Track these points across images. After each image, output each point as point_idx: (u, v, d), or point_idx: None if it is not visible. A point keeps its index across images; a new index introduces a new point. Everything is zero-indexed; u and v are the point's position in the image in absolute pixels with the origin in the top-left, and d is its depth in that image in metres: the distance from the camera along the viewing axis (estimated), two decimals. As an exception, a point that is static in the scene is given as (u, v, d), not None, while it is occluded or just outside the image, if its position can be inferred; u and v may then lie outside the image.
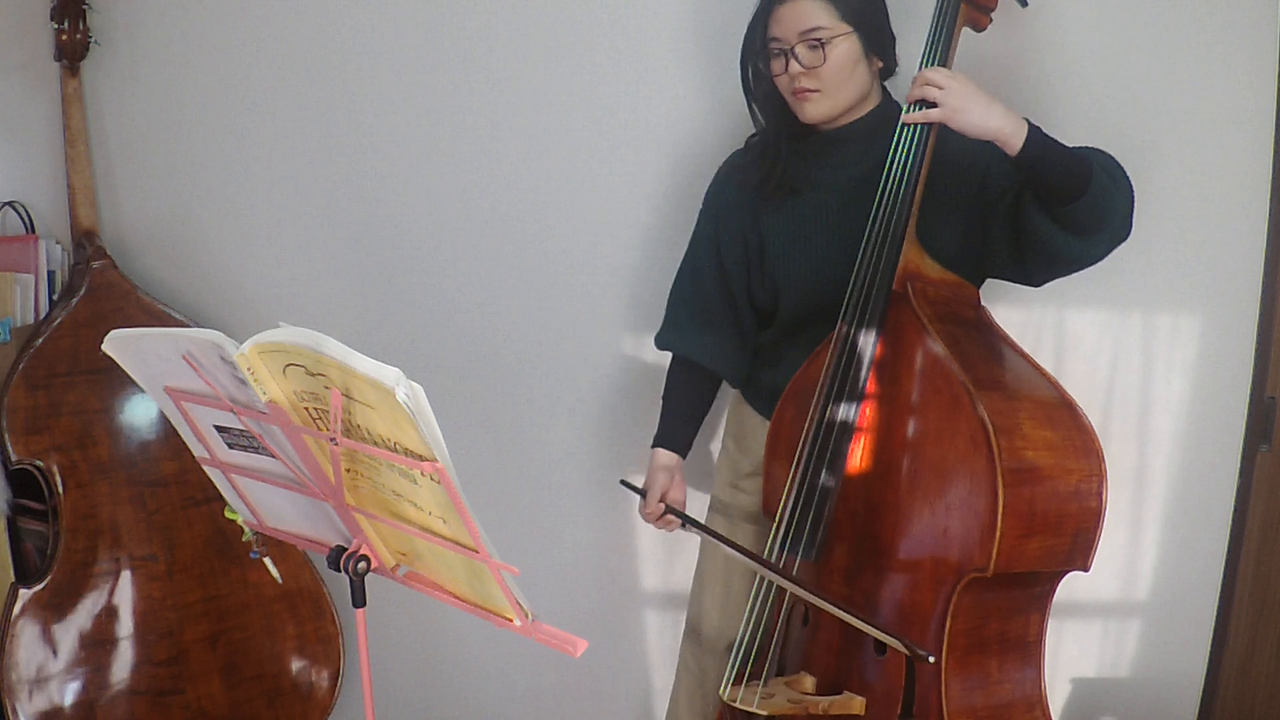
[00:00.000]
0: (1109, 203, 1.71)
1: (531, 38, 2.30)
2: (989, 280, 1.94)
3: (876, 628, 1.61)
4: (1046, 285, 2.18)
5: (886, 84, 1.94)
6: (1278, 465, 2.14)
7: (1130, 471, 2.20)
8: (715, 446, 2.34)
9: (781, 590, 1.83)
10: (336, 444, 1.35)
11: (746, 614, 1.86)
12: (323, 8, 2.36)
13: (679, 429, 2.06)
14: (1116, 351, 2.18)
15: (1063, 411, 1.74)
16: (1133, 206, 1.76)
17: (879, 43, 1.87)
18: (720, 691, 1.81)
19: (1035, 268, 1.82)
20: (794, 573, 1.79)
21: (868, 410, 1.77)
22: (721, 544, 1.78)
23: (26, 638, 2.21)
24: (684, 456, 2.05)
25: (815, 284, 1.93)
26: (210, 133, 2.44)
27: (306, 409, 1.36)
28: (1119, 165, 1.75)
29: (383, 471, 1.36)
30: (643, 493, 1.98)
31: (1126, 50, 2.08)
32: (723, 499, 2.14)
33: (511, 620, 1.37)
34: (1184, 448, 2.19)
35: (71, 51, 2.33)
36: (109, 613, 2.28)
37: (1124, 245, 2.15)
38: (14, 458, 2.24)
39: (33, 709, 2.20)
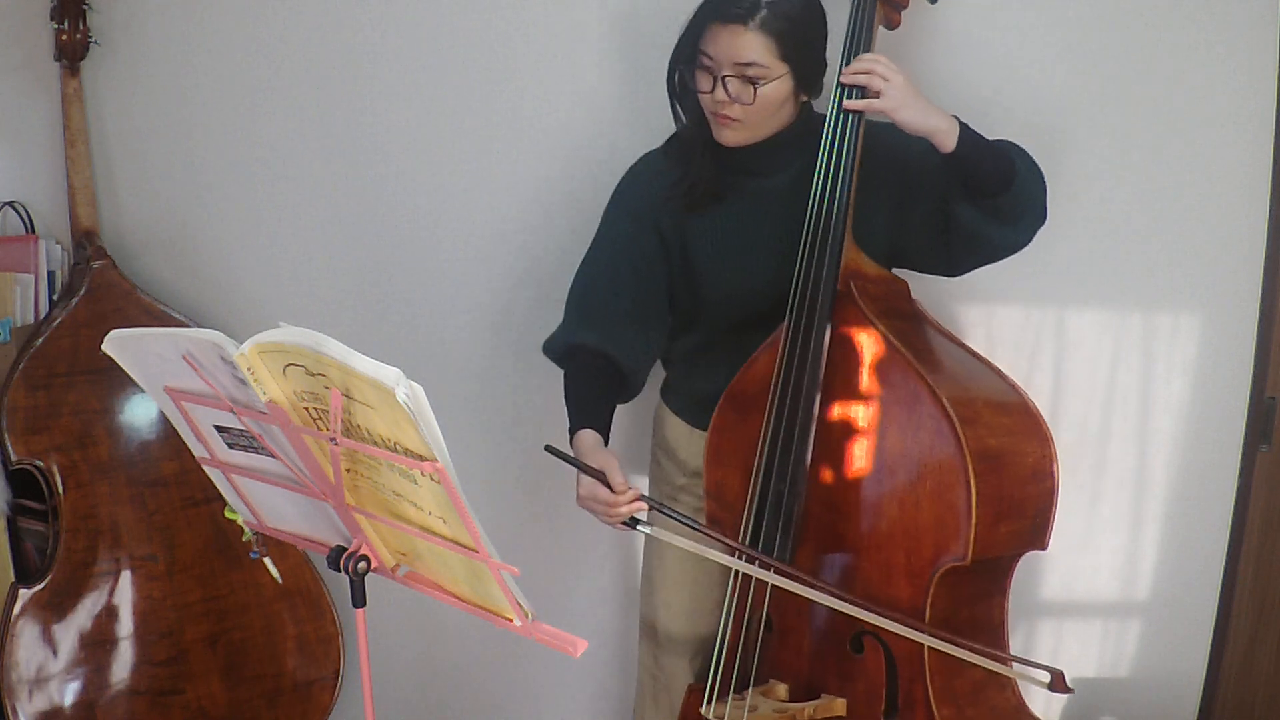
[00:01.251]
0: (1031, 192, 1.77)
1: (531, 37, 2.30)
2: (987, 280, 1.94)
3: (862, 607, 1.63)
4: (1044, 285, 2.19)
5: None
6: (1278, 465, 2.14)
7: (1130, 471, 2.20)
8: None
9: (757, 592, 1.81)
10: (336, 444, 1.35)
11: (723, 624, 1.83)
12: (323, 7, 2.36)
13: (597, 416, 1.85)
14: (1116, 351, 2.18)
15: (1011, 396, 1.77)
16: (1046, 193, 1.81)
17: (811, 80, 1.82)
18: (704, 711, 1.80)
19: (961, 257, 1.83)
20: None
21: (826, 411, 1.77)
22: (714, 549, 1.76)
23: (26, 638, 2.21)
24: (604, 436, 1.84)
25: (745, 290, 1.91)
26: (211, 133, 2.44)
27: (306, 409, 1.36)
28: (1029, 155, 1.79)
29: (383, 471, 1.36)
30: (584, 467, 1.74)
31: (1127, 52, 2.08)
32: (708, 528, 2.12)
33: (511, 620, 1.37)
34: (1184, 448, 2.19)
35: (71, 51, 2.33)
36: (109, 613, 2.28)
37: (1124, 245, 2.16)
38: (14, 458, 2.24)
39: (33, 709, 2.20)
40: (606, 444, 1.82)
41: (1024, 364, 2.20)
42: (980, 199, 1.73)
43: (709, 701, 1.80)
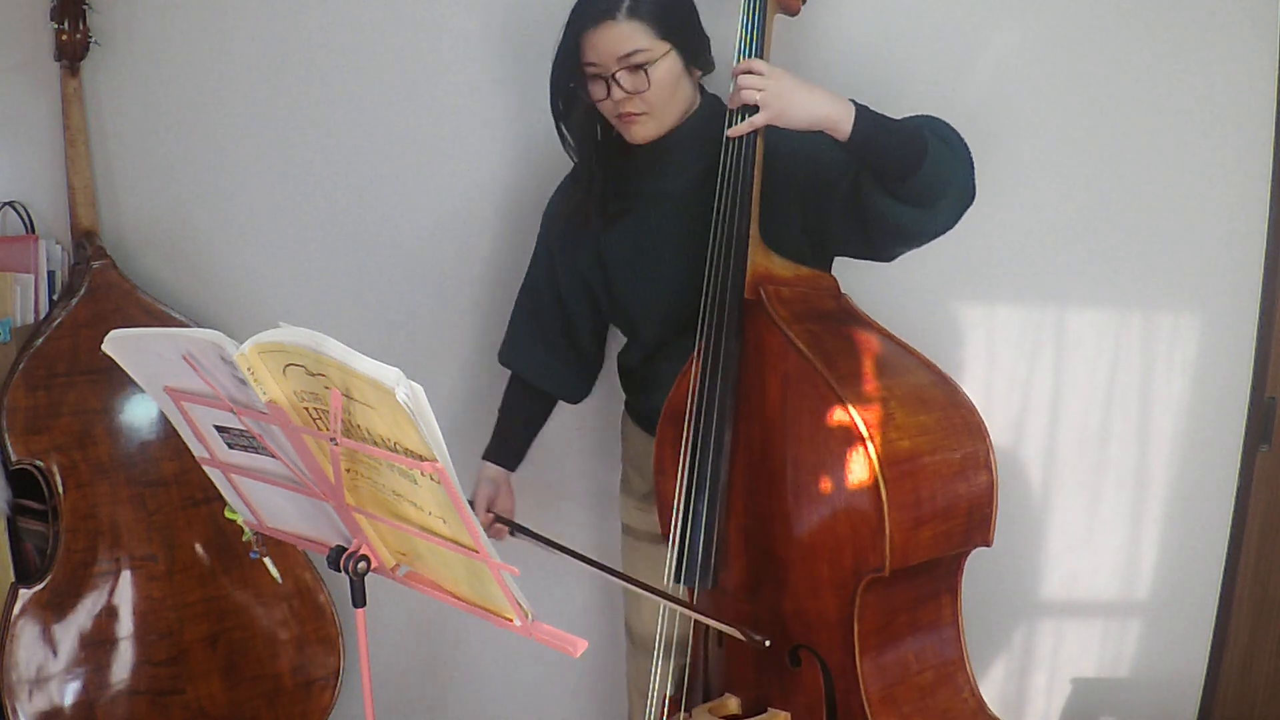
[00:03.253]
0: (947, 171, 1.66)
1: (531, 36, 2.30)
2: (987, 280, 1.94)
3: (720, 621, 1.61)
4: (1044, 285, 2.19)
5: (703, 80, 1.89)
6: (1278, 465, 2.14)
7: (1130, 471, 2.20)
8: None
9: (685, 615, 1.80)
10: (336, 444, 1.35)
11: (658, 634, 1.83)
12: (323, 8, 2.36)
13: (510, 445, 2.11)
14: (1116, 351, 2.18)
15: (935, 390, 1.69)
16: (972, 169, 1.70)
17: (697, 53, 1.82)
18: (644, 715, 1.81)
19: (882, 244, 1.76)
20: (694, 601, 1.77)
21: (744, 423, 1.73)
22: (559, 551, 1.82)
23: (26, 638, 2.21)
24: (513, 470, 2.11)
25: (666, 300, 1.89)
26: (210, 133, 2.44)
27: (306, 409, 1.36)
28: (952, 129, 1.70)
29: (383, 471, 1.36)
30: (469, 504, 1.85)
31: (1127, 52, 2.08)
32: (630, 523, 2.14)
33: (511, 620, 1.37)
34: (1184, 448, 2.19)
35: (71, 51, 2.33)
36: (109, 613, 2.28)
37: (1124, 245, 2.16)
38: (14, 458, 2.24)
39: (33, 709, 2.20)
40: (518, 463, 2.11)
41: (1024, 364, 2.21)
42: (889, 183, 1.65)
43: (651, 718, 1.80)
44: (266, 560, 1.74)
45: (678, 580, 1.76)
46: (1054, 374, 2.21)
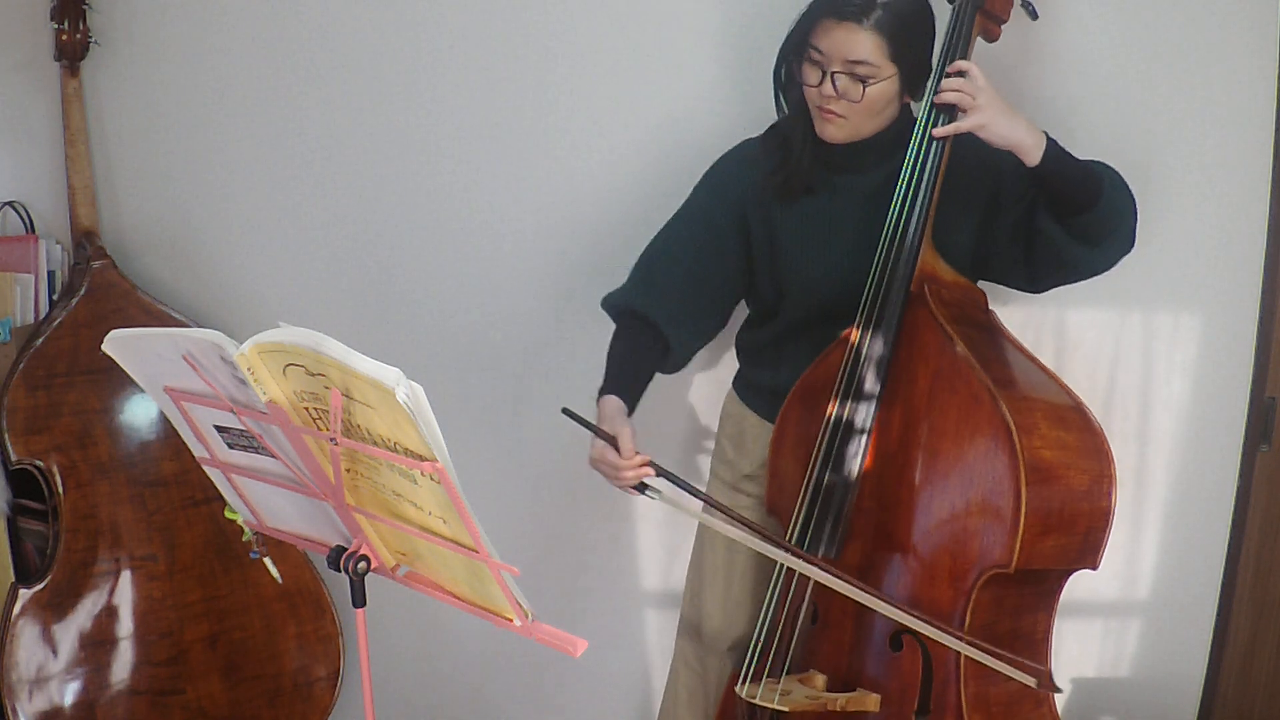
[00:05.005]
0: (1118, 215, 1.75)
1: (531, 36, 2.30)
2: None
3: (900, 609, 1.63)
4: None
5: None
6: (1278, 465, 2.14)
7: (1130, 471, 2.20)
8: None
9: (800, 583, 1.83)
10: (336, 444, 1.35)
11: (764, 608, 1.85)
12: (323, 8, 2.36)
13: (629, 382, 1.89)
14: (1116, 351, 2.18)
15: (1074, 413, 1.76)
16: (1136, 220, 1.79)
17: (917, 83, 1.83)
18: (738, 689, 1.81)
19: (1043, 274, 1.83)
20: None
21: (885, 409, 1.78)
22: (722, 521, 1.76)
23: (26, 638, 2.21)
24: (630, 412, 1.86)
25: (826, 286, 1.92)
26: (210, 133, 2.44)
27: (306, 409, 1.36)
28: (1124, 181, 1.78)
29: (383, 471, 1.36)
30: (598, 430, 1.77)
31: (1127, 51, 2.08)
32: (721, 502, 2.13)
33: (511, 620, 1.37)
34: (1184, 448, 2.19)
35: (71, 51, 2.33)
36: (109, 613, 2.28)
37: (1124, 246, 2.16)
38: (14, 458, 2.24)
39: (33, 709, 2.20)
40: (632, 412, 1.84)
41: (1024, 364, 2.21)
42: (1064, 216, 1.73)
43: (744, 681, 1.81)
44: (266, 560, 1.74)
45: (802, 548, 1.79)
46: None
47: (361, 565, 1.46)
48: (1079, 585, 2.27)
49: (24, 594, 2.21)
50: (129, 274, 2.41)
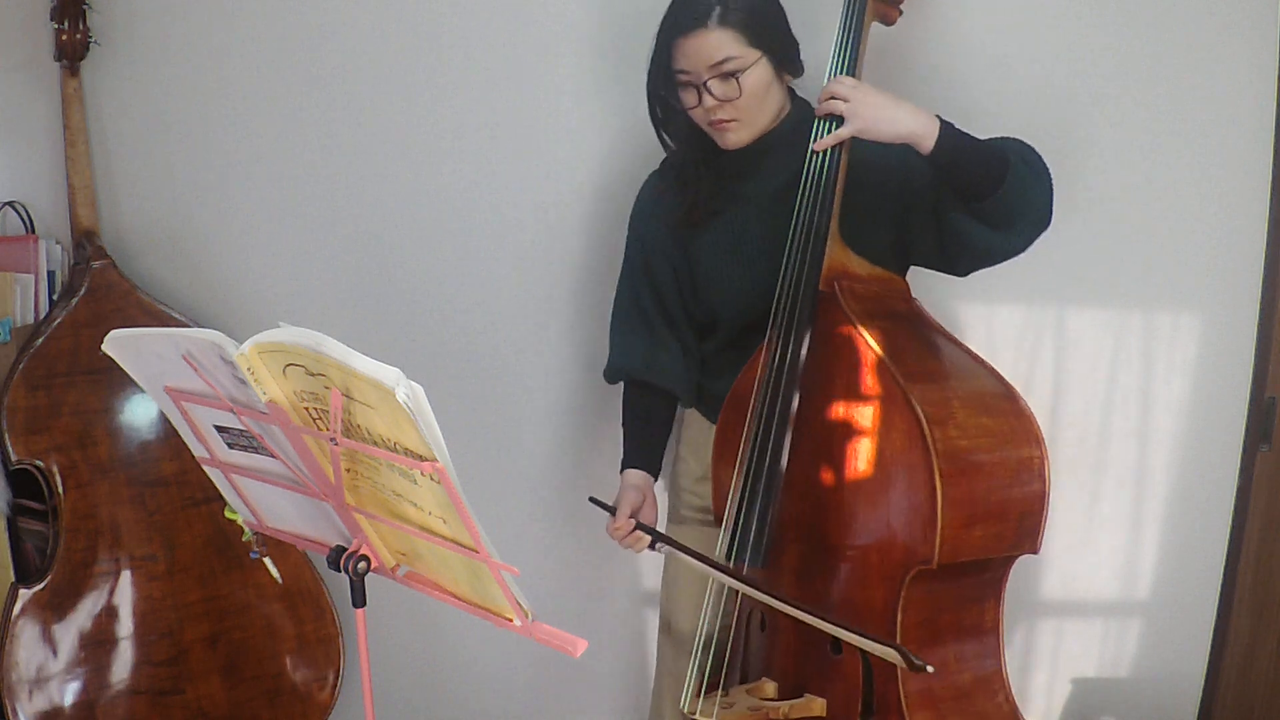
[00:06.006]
0: (1026, 194, 1.71)
1: (531, 36, 2.30)
2: (987, 280, 1.94)
3: (842, 627, 1.60)
4: (1044, 285, 2.19)
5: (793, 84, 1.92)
6: (1278, 465, 2.14)
7: (1130, 471, 2.20)
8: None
9: (740, 598, 1.82)
10: (336, 444, 1.35)
11: (701, 623, 1.85)
12: (323, 8, 2.36)
13: (646, 450, 2.04)
14: (1116, 351, 2.18)
15: (999, 399, 1.73)
16: (1051, 195, 1.75)
17: (787, 59, 1.85)
18: (681, 705, 1.81)
19: (956, 260, 1.82)
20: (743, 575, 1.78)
21: (805, 411, 1.77)
22: (693, 559, 1.77)
23: (26, 638, 2.21)
24: (655, 477, 2.03)
25: (749, 295, 1.92)
26: (210, 133, 2.44)
27: (306, 409, 1.36)
28: (1036, 154, 1.74)
29: (383, 471, 1.36)
30: (612, 510, 1.92)
31: (1127, 51, 2.08)
32: (677, 507, 2.16)
33: (511, 620, 1.37)
34: (1184, 448, 2.19)
35: (71, 51, 2.33)
36: (109, 613, 2.28)
37: (1124, 245, 2.16)
38: (14, 458, 2.24)
39: (33, 709, 2.20)
40: (658, 473, 2.02)
41: (1024, 364, 2.21)
42: (969, 201, 1.71)
43: (689, 696, 1.81)
44: (266, 560, 1.74)
45: (730, 556, 1.79)
46: (1054, 374, 2.21)
47: (361, 565, 1.46)
48: (1079, 585, 2.28)
49: (24, 594, 2.21)
50: (129, 274, 2.41)
